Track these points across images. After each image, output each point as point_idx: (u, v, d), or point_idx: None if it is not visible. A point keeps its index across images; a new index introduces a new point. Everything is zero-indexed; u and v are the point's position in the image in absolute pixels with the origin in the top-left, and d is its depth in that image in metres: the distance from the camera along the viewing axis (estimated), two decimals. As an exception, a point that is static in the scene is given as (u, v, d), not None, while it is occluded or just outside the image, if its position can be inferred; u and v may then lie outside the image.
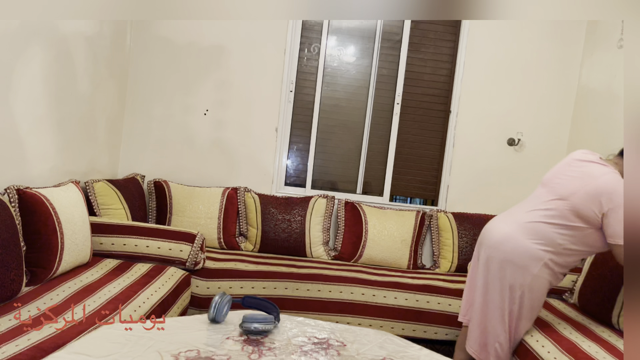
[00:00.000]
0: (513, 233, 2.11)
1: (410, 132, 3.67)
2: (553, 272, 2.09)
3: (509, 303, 2.11)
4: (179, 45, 3.47)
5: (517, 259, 2.08)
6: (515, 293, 2.09)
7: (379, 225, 3.34)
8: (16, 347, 1.47)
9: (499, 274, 2.12)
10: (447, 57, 3.63)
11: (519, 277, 2.07)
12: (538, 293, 2.11)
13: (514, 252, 2.08)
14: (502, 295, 2.12)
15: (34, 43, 2.31)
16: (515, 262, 2.08)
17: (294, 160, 3.70)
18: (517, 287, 2.08)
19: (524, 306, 2.11)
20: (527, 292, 2.09)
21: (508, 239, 2.11)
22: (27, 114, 2.33)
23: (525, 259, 2.06)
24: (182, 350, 1.37)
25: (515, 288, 2.09)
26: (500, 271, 2.12)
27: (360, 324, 2.81)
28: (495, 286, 2.14)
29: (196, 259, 2.66)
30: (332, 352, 1.49)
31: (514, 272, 2.08)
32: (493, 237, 2.18)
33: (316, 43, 3.60)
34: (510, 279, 2.09)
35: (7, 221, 1.83)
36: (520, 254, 2.07)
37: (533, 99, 3.61)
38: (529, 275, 2.06)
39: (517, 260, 2.08)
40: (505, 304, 2.12)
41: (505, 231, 2.14)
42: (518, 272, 2.07)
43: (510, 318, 2.13)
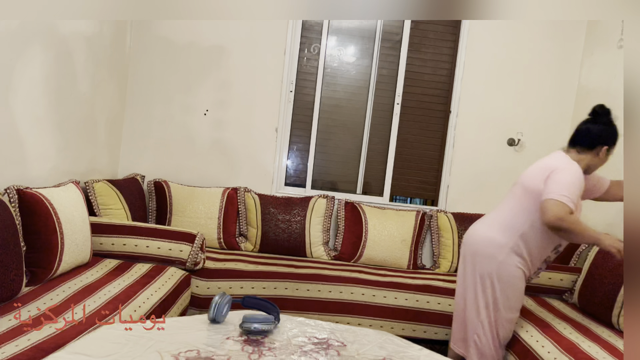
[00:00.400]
0: (482, 227, 2.29)
1: (410, 132, 3.67)
2: (524, 261, 2.16)
3: (482, 294, 2.20)
4: (179, 45, 3.47)
5: (483, 249, 2.21)
6: (486, 282, 2.19)
7: (379, 226, 3.34)
8: (16, 347, 1.47)
9: (471, 268, 2.25)
10: (447, 57, 3.63)
11: (486, 266, 2.18)
12: (510, 281, 2.16)
13: (481, 243, 2.22)
14: (475, 287, 2.22)
15: (34, 43, 2.31)
16: (482, 252, 2.20)
17: (294, 161, 3.70)
18: (487, 276, 2.18)
19: (498, 296, 2.17)
20: (496, 281, 2.16)
21: (476, 233, 2.28)
22: (27, 114, 2.33)
23: (490, 247, 2.18)
24: (182, 350, 1.37)
25: (485, 277, 2.19)
26: (472, 264, 2.24)
27: (360, 324, 2.81)
28: (469, 280, 2.26)
29: (196, 259, 2.66)
30: (332, 352, 1.49)
31: (482, 262, 2.20)
32: (468, 235, 2.34)
33: (316, 43, 3.60)
34: (480, 269, 2.20)
35: (7, 221, 1.83)
36: (487, 244, 2.20)
37: (533, 99, 3.61)
38: (494, 263, 2.15)
39: (483, 250, 2.20)
40: (479, 295, 2.21)
41: (476, 227, 2.32)
42: (485, 261, 2.19)
43: (488, 310, 2.19)
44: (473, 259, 2.23)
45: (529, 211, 2.11)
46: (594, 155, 2.15)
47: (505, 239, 2.14)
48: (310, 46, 3.61)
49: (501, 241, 2.15)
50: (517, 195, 2.20)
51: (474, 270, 2.22)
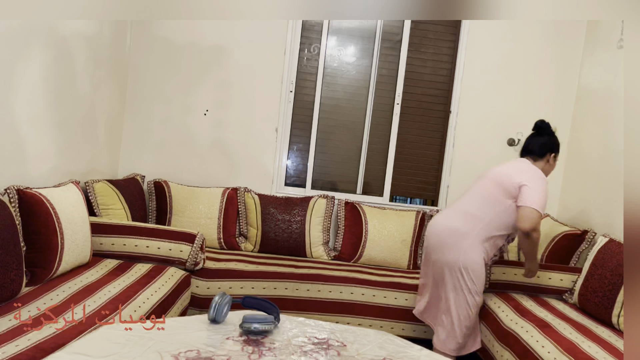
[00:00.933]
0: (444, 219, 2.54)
1: (410, 132, 3.67)
2: (484, 249, 2.40)
3: (450, 281, 2.41)
4: (179, 45, 3.47)
5: (446, 238, 2.43)
6: (453, 269, 2.40)
7: (379, 226, 3.34)
8: (16, 348, 1.47)
9: (439, 256, 2.46)
10: (447, 57, 3.63)
11: (452, 254, 2.40)
12: (473, 268, 2.39)
13: (445, 232, 2.45)
14: (443, 274, 2.43)
15: (34, 43, 2.32)
16: (447, 241, 2.42)
17: (294, 161, 3.71)
18: (453, 264, 2.39)
19: (464, 282, 2.38)
20: (462, 268, 2.38)
21: (440, 223, 2.53)
22: (27, 114, 2.33)
23: (454, 237, 2.40)
24: (182, 350, 1.37)
25: (451, 265, 2.40)
26: (440, 253, 2.45)
27: (360, 324, 2.81)
28: (437, 268, 2.46)
29: (196, 259, 2.66)
30: (332, 352, 1.49)
31: (448, 251, 2.42)
32: (432, 226, 2.58)
33: (316, 43, 3.60)
34: (446, 258, 2.42)
35: (7, 221, 1.83)
36: (450, 234, 2.42)
37: (533, 99, 3.61)
38: (460, 252, 2.38)
39: (447, 239, 2.42)
40: (447, 281, 2.41)
41: (439, 219, 2.57)
42: (451, 250, 2.41)
43: (455, 294, 2.40)
44: (440, 248, 2.43)
45: (495, 204, 2.39)
46: (545, 162, 2.54)
47: (467, 227, 2.38)
48: (310, 46, 3.61)
49: (464, 230, 2.38)
50: (487, 188, 2.43)
51: (442, 259, 2.41)
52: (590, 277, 2.53)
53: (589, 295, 2.48)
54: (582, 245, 3.02)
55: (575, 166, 3.48)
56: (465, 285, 2.38)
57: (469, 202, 2.47)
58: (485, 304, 2.65)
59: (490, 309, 2.59)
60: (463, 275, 2.37)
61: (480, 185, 2.49)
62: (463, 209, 2.46)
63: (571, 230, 3.07)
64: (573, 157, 3.52)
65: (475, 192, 2.48)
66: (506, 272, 2.76)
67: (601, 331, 2.23)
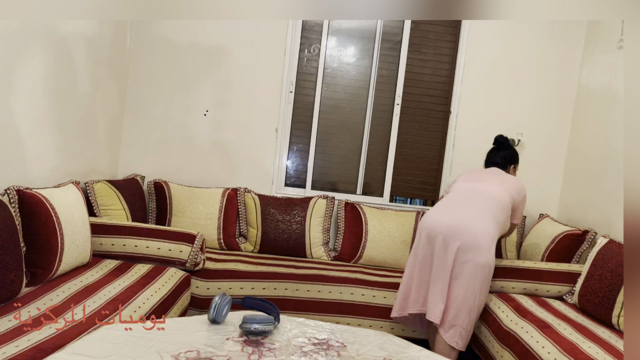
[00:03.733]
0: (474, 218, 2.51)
1: (410, 133, 3.67)
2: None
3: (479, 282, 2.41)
4: (179, 45, 3.47)
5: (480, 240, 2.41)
6: (485, 270, 2.42)
7: (379, 226, 3.34)
8: (16, 348, 1.47)
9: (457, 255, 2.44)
10: (447, 57, 3.63)
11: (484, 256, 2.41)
12: (492, 268, 2.47)
13: (478, 234, 2.42)
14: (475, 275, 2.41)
15: (34, 44, 2.31)
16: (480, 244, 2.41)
17: (294, 161, 3.70)
18: (486, 265, 2.42)
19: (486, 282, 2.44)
20: (489, 269, 2.43)
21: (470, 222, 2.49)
22: (27, 115, 2.33)
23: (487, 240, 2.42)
24: (182, 350, 1.37)
25: (484, 266, 2.41)
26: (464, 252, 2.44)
27: (360, 325, 2.81)
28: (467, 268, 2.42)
29: (196, 260, 2.66)
30: (332, 352, 1.49)
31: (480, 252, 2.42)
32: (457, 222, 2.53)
33: (316, 44, 3.60)
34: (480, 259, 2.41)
35: (7, 222, 1.83)
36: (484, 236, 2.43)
37: (533, 100, 3.61)
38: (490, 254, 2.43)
39: (481, 242, 2.41)
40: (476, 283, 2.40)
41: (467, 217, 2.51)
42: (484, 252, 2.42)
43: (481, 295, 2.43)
44: (476, 249, 2.38)
45: (506, 212, 2.55)
46: (512, 172, 2.83)
47: (496, 232, 2.45)
48: (310, 46, 3.61)
49: (494, 234, 2.43)
50: (503, 201, 2.54)
51: (475, 260, 2.37)
52: (590, 278, 2.53)
53: (589, 295, 2.48)
54: (582, 245, 3.02)
55: (575, 166, 3.48)
56: (488, 284, 2.46)
57: (494, 209, 2.52)
58: (485, 304, 2.65)
59: (490, 310, 2.58)
60: (488, 276, 2.44)
61: (492, 189, 2.58)
62: (489, 214, 2.49)
63: (572, 230, 3.07)
64: (573, 157, 3.52)
65: (492, 197, 2.55)
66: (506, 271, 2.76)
67: (601, 332, 2.23)
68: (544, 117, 3.61)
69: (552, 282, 2.77)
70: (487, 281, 2.44)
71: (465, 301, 2.39)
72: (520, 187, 2.67)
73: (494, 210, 2.50)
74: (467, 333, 2.42)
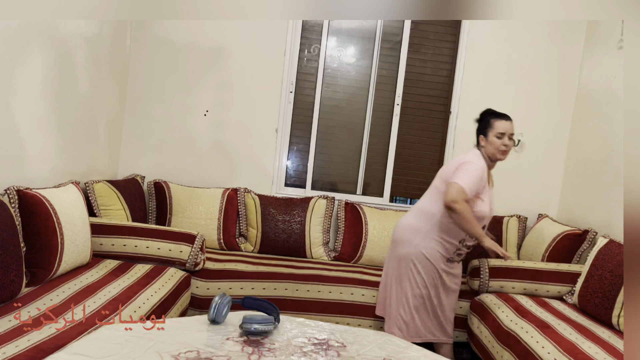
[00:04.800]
0: (405, 216, 2.58)
1: (410, 133, 3.67)
2: (440, 243, 2.40)
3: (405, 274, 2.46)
4: (179, 45, 3.47)
5: (401, 233, 2.50)
6: (408, 263, 2.44)
7: (379, 226, 3.34)
8: (16, 348, 1.47)
9: (393, 251, 2.54)
10: (447, 57, 3.63)
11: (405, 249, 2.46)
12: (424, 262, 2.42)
13: (401, 228, 2.52)
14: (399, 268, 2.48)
15: (34, 44, 2.31)
16: (401, 237, 2.49)
17: (294, 161, 3.70)
18: (406, 258, 2.45)
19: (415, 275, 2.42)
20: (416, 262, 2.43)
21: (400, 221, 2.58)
22: (27, 115, 2.33)
23: (407, 232, 2.47)
24: (182, 351, 1.37)
25: (405, 259, 2.45)
26: (394, 248, 2.53)
27: (360, 325, 2.81)
28: (393, 262, 2.52)
29: (196, 260, 2.66)
30: (332, 353, 1.49)
31: (402, 245, 2.48)
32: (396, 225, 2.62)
33: (316, 44, 3.60)
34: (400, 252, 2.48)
35: (7, 222, 1.83)
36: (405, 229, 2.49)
37: (533, 100, 3.60)
38: (412, 246, 2.43)
39: (402, 235, 2.49)
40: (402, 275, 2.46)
41: (402, 217, 2.61)
42: (404, 245, 2.47)
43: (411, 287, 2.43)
44: (395, 243, 2.51)
45: (433, 195, 2.47)
46: (482, 146, 2.57)
47: (421, 224, 2.43)
48: (310, 47, 3.61)
49: (417, 226, 2.43)
50: (436, 185, 2.48)
51: (396, 253, 2.48)
52: (590, 278, 2.53)
53: (589, 296, 2.48)
54: (582, 245, 3.02)
55: (575, 166, 3.48)
56: (412, 277, 2.41)
57: (424, 200, 2.53)
58: (485, 304, 2.65)
59: (490, 310, 2.58)
60: (415, 269, 2.41)
61: (433, 183, 2.55)
62: (419, 207, 2.53)
63: (572, 230, 3.07)
64: (573, 157, 3.52)
65: (429, 190, 2.54)
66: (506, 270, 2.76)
67: (601, 332, 2.23)
68: (544, 117, 3.61)
69: (552, 282, 2.77)
70: (414, 272, 2.41)
71: (391, 291, 2.50)
72: (457, 160, 2.47)
73: (422, 200, 2.52)
74: (407, 324, 2.44)
